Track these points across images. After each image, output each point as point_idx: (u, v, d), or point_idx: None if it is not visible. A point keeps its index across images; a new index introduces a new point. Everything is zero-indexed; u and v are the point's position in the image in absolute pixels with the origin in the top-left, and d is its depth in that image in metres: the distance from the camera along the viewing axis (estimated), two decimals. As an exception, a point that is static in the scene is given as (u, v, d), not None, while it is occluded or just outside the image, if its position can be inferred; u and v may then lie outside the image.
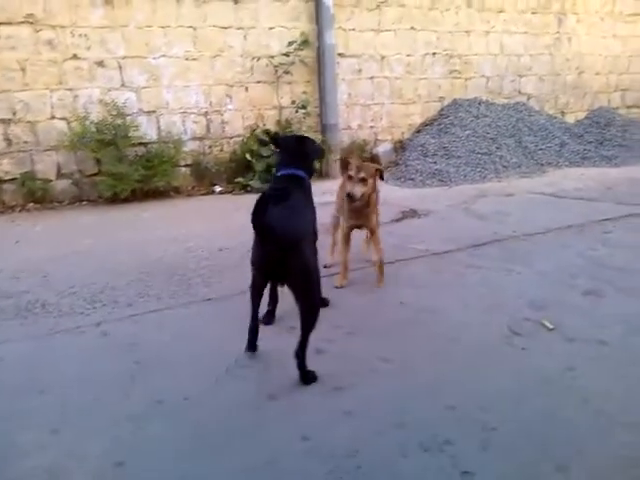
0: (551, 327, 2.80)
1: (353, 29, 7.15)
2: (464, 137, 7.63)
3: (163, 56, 6.20)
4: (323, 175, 7.03)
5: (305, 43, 6.66)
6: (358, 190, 3.09)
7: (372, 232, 3.35)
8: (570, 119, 9.26)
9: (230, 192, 6.35)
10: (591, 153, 8.20)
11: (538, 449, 1.92)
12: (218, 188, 6.41)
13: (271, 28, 6.64)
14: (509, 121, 8.16)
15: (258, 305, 2.67)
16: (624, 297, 3.18)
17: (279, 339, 2.76)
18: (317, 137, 6.92)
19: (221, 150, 6.64)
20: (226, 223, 5.03)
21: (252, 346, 2.67)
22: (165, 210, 5.64)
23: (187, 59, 6.32)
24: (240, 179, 6.38)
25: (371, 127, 7.73)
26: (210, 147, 6.59)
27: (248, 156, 6.39)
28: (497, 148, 7.60)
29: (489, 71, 8.51)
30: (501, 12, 8.37)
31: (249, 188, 6.30)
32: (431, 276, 3.48)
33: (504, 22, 8.43)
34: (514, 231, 4.29)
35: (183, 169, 6.40)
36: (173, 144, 6.17)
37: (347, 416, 2.12)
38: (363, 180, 3.10)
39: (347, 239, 3.36)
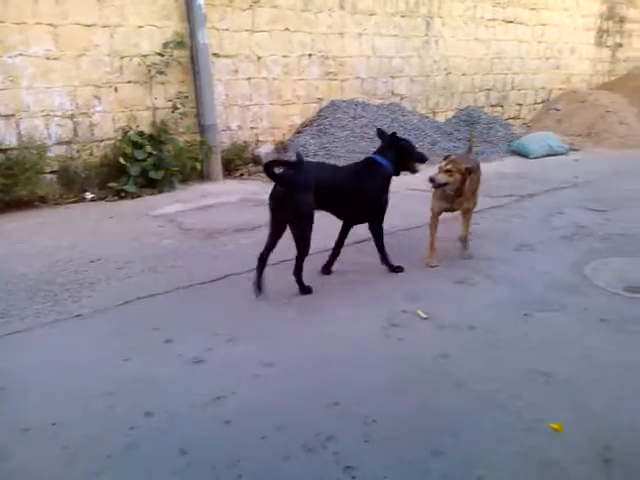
0: (425, 316, 2.91)
1: (227, 29, 7.03)
2: (343, 137, 7.78)
3: (20, 55, 5.70)
4: (204, 177, 6.84)
5: (181, 43, 6.44)
6: (441, 177, 3.57)
7: (465, 212, 3.88)
8: (440, 118, 9.76)
9: (103, 198, 5.97)
10: (460, 150, 8.70)
11: (415, 437, 1.99)
12: (89, 195, 6.00)
13: (140, 27, 6.34)
14: (384, 121, 8.42)
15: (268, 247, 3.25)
16: (491, 284, 3.40)
17: (157, 359, 2.65)
18: (196, 138, 6.76)
19: (91, 154, 6.23)
20: (98, 232, 4.73)
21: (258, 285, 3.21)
22: (30, 221, 5.19)
23: (48, 58, 5.86)
24: (113, 184, 6.02)
25: (252, 128, 7.65)
26: (78, 151, 6.15)
27: (122, 160, 6.04)
28: (375, 148, 7.82)
29: (363, 73, 8.74)
30: (372, 15, 8.63)
31: (123, 193, 5.98)
32: (315, 275, 3.50)
33: (375, 25, 8.70)
34: (393, 226, 4.43)
35: (49, 176, 5.91)
36: (36, 150, 5.68)
37: (227, 425, 2.07)
38: (449, 171, 3.56)
39: (435, 222, 3.85)
